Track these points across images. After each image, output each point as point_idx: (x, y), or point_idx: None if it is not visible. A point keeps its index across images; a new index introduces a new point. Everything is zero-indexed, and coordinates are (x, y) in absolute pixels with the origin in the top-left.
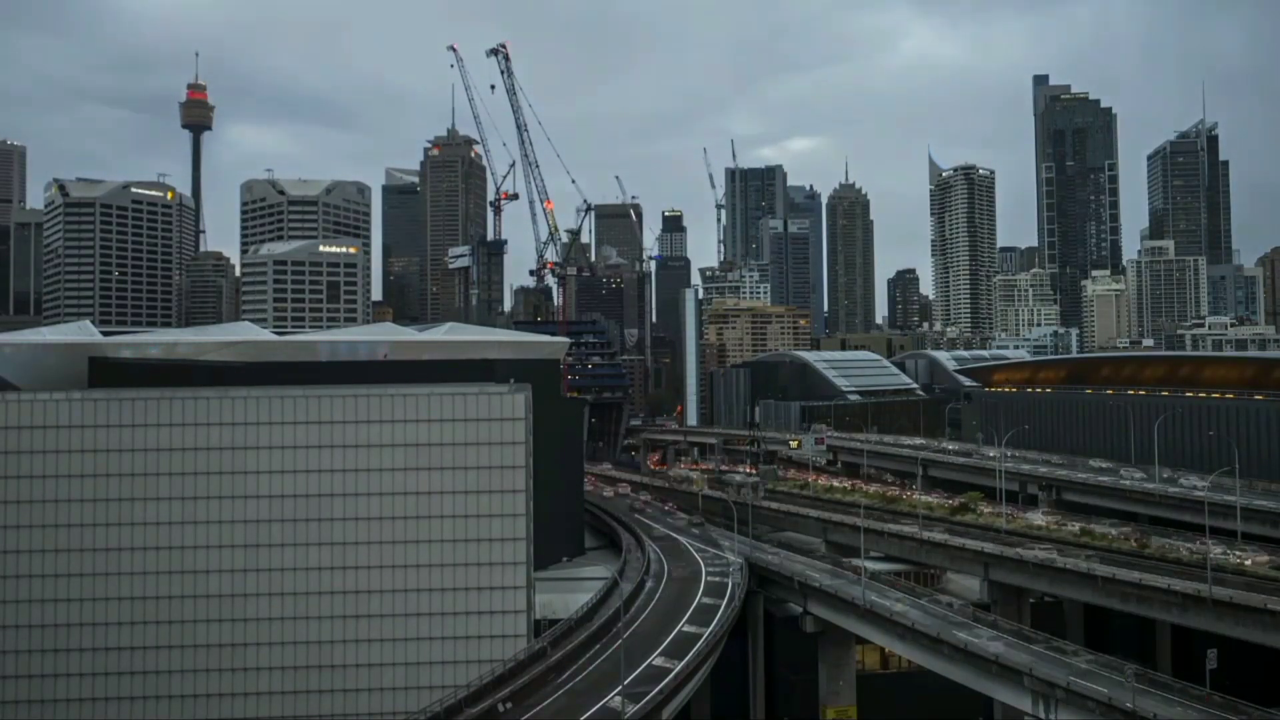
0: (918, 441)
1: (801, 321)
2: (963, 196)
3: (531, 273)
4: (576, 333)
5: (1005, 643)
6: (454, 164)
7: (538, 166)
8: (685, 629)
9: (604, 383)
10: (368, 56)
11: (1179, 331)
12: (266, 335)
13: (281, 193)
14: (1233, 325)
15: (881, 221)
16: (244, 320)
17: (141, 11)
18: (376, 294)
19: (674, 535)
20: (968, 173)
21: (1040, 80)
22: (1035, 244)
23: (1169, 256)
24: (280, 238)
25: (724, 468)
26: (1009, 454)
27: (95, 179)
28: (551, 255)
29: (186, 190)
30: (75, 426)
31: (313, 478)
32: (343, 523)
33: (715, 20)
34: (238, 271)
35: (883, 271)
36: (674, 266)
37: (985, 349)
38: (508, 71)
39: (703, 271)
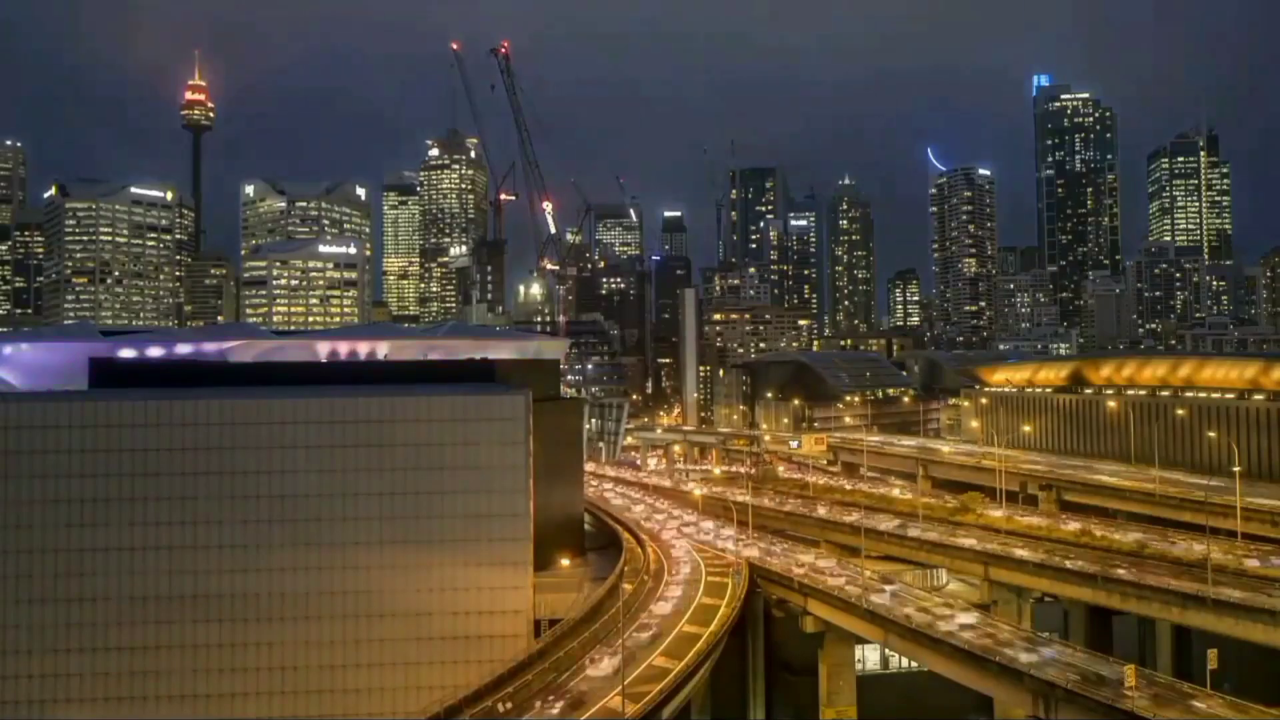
0: (918, 442)
1: (801, 321)
2: (963, 197)
3: (531, 273)
4: (576, 333)
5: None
6: (454, 164)
7: (538, 166)
8: (685, 629)
9: (604, 383)
10: (368, 54)
11: (1179, 331)
12: (267, 335)
13: (282, 192)
14: (1233, 325)
15: (882, 221)
16: (244, 320)
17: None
18: (376, 294)
19: (674, 535)
20: (967, 173)
21: (1039, 79)
22: (1035, 244)
23: (1169, 256)
24: (280, 238)
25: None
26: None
27: (95, 179)
28: (551, 255)
29: (187, 190)
30: (75, 427)
31: (313, 478)
32: (343, 523)
33: (715, 20)
34: (238, 271)
35: (883, 271)
36: (674, 266)
37: (985, 349)
38: (507, 71)
39: (703, 271)
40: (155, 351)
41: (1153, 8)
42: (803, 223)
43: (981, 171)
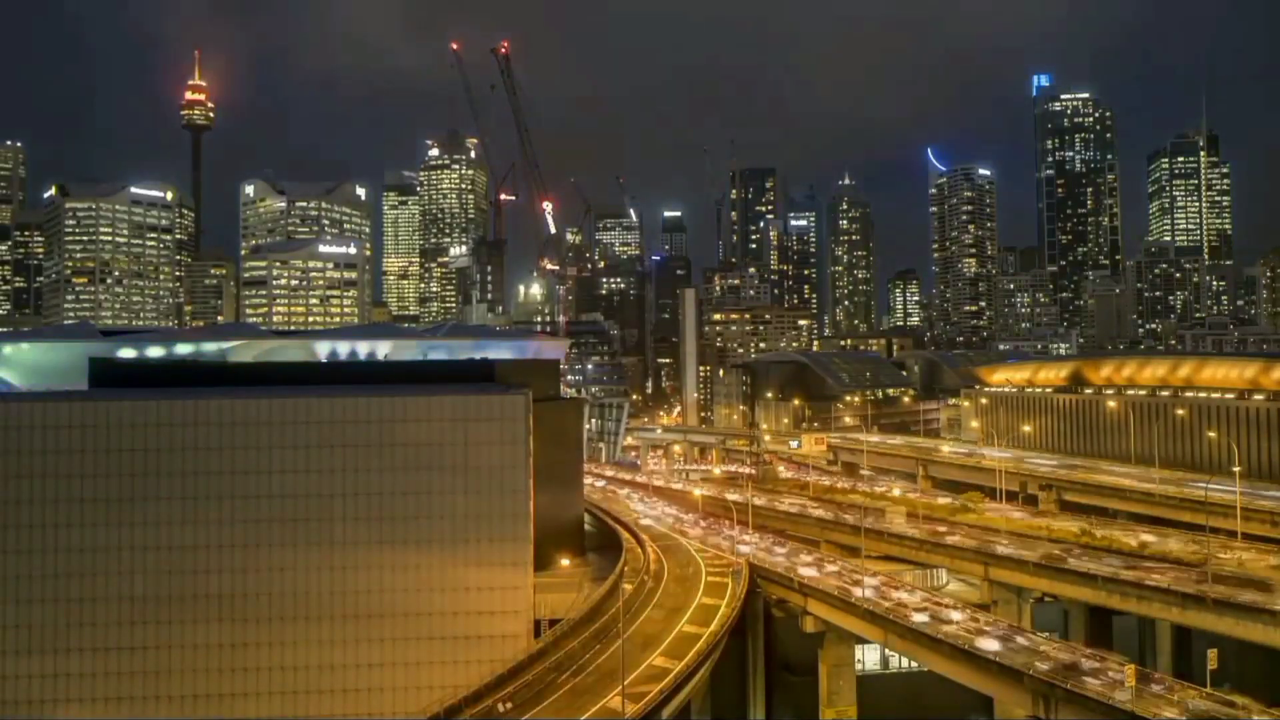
0: (917, 441)
1: (801, 321)
2: (963, 197)
3: (531, 273)
4: (577, 333)
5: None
6: (454, 164)
7: (538, 166)
8: (685, 629)
9: (604, 383)
10: (368, 54)
11: (1179, 331)
12: (267, 335)
13: (282, 192)
14: (1233, 325)
15: (882, 221)
16: (244, 320)
17: (141, 11)
18: (376, 294)
19: (674, 535)
20: (967, 173)
21: (1039, 79)
22: (1035, 244)
23: (1169, 256)
24: (280, 238)
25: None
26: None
27: (95, 179)
28: (551, 255)
29: (187, 190)
30: (75, 427)
31: (313, 478)
32: (343, 523)
33: (713, 18)
34: (238, 271)
35: (883, 271)
36: (674, 266)
37: (985, 349)
38: (507, 71)
39: (703, 271)
40: (155, 351)
41: (1153, 8)
42: (803, 223)
43: (981, 171)
